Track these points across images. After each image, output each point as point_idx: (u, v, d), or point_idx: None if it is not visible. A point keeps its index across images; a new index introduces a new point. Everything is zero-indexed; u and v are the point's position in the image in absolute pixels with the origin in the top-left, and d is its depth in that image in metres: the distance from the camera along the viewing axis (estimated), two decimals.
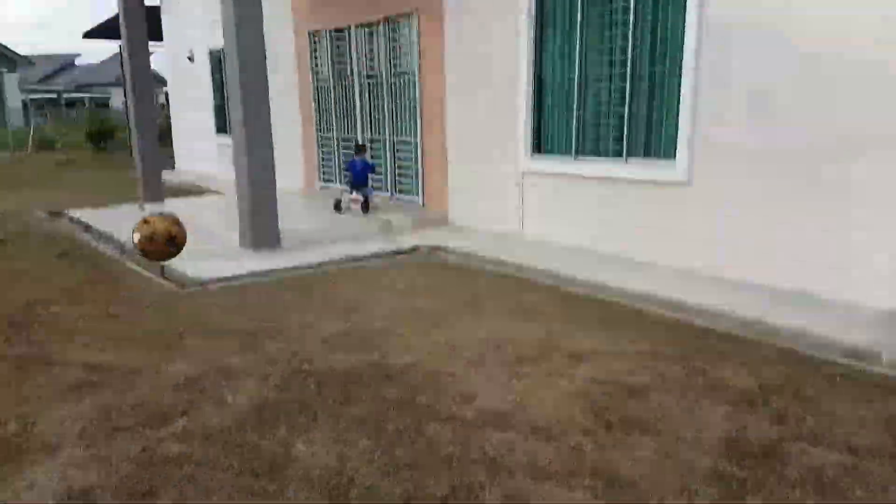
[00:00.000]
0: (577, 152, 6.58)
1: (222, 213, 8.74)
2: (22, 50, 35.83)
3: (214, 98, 13.30)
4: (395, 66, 8.75)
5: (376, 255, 6.75)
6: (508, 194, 7.30)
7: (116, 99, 47.85)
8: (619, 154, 6.18)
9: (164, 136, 13.44)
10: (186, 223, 6.19)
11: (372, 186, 8.66)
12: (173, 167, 15.02)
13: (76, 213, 9.11)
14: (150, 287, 5.57)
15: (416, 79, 8.33)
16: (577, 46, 6.36)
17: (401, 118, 8.82)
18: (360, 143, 9.09)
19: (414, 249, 6.96)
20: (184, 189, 11.84)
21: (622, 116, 6.08)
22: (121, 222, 8.32)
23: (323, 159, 10.41)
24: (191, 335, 4.26)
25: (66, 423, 3.11)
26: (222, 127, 13.33)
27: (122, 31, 9.15)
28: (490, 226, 7.58)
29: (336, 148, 10.11)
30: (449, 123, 7.97)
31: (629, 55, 5.92)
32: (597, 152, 6.42)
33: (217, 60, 12.88)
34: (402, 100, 8.70)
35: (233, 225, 7.54)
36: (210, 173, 14.05)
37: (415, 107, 8.47)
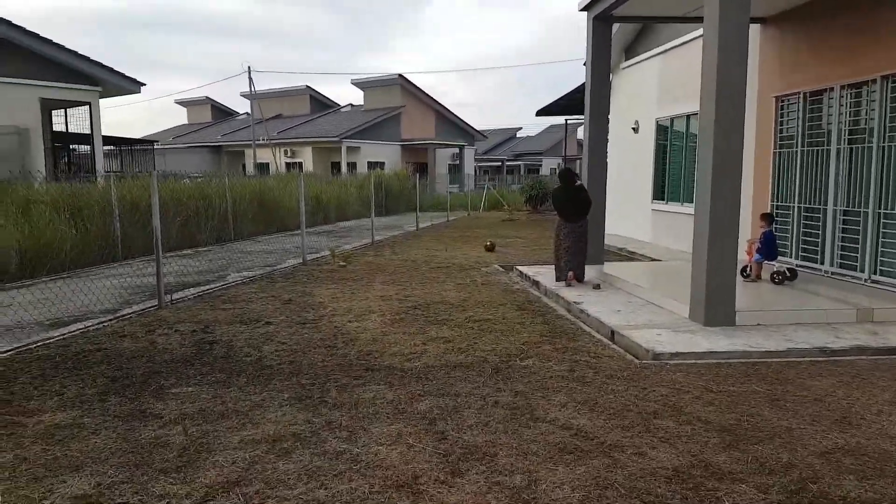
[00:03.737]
0: None
1: (660, 281, 8.56)
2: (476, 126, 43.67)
3: (655, 165, 13.55)
4: (890, 129, 7.32)
5: (857, 350, 5.54)
6: None
7: (546, 166, 54.16)
8: None
9: None
10: (625, 288, 6.62)
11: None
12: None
13: (524, 269, 10.16)
14: (605, 351, 5.62)
15: None
16: None
17: (893, 188, 7.27)
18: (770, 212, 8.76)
19: None
20: (612, 252, 12.19)
21: None
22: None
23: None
24: (662, 418, 4.02)
25: (565, 487, 3.15)
26: (658, 194, 13.46)
27: (587, 111, 9.92)
28: None
29: (796, 218, 8.97)
30: None
31: None
32: None
33: (662, 131, 13.25)
34: None
35: (672, 293, 7.27)
36: (637, 238, 14.26)
37: None
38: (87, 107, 17.94)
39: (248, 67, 34.15)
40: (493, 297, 8.20)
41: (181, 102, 48.68)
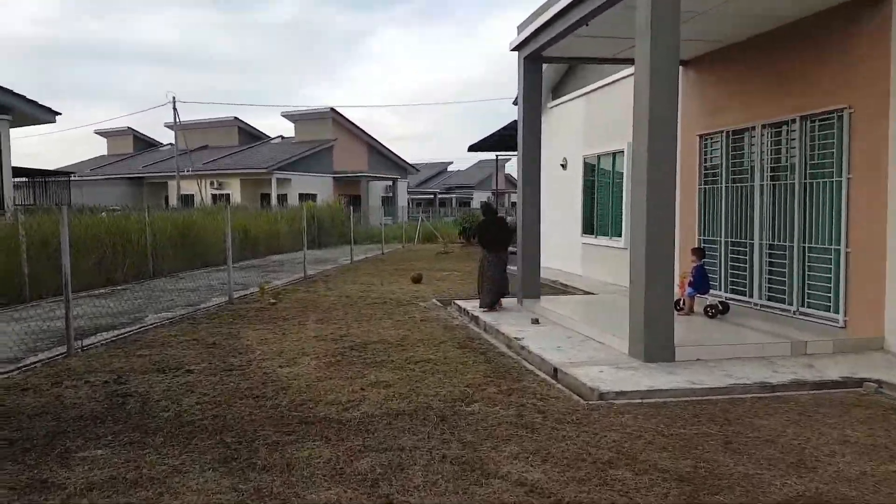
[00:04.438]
0: None
1: (596, 315, 8.54)
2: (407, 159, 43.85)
3: (584, 201, 13.78)
4: (810, 167, 7.65)
5: (797, 384, 5.60)
6: None
7: (476, 200, 54.83)
8: None
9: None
10: (563, 322, 6.59)
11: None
12: None
13: (463, 304, 9.94)
14: (550, 392, 5.43)
15: (843, 181, 7.12)
16: None
17: (815, 223, 7.57)
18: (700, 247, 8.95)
19: (849, 382, 5.63)
20: (546, 284, 12.17)
21: None
22: (500, 317, 8.80)
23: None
24: (618, 467, 3.82)
25: None
26: (588, 228, 13.66)
27: (520, 147, 9.93)
28: None
29: (724, 253, 9.20)
30: (892, 234, 6.49)
31: None
32: None
33: (589, 168, 13.57)
34: (819, 203, 7.50)
35: (609, 328, 7.24)
36: (569, 271, 14.38)
37: (838, 211, 7.20)
38: None
39: (174, 97, 33.01)
40: (434, 335, 7.92)
41: (101, 133, 46.45)
